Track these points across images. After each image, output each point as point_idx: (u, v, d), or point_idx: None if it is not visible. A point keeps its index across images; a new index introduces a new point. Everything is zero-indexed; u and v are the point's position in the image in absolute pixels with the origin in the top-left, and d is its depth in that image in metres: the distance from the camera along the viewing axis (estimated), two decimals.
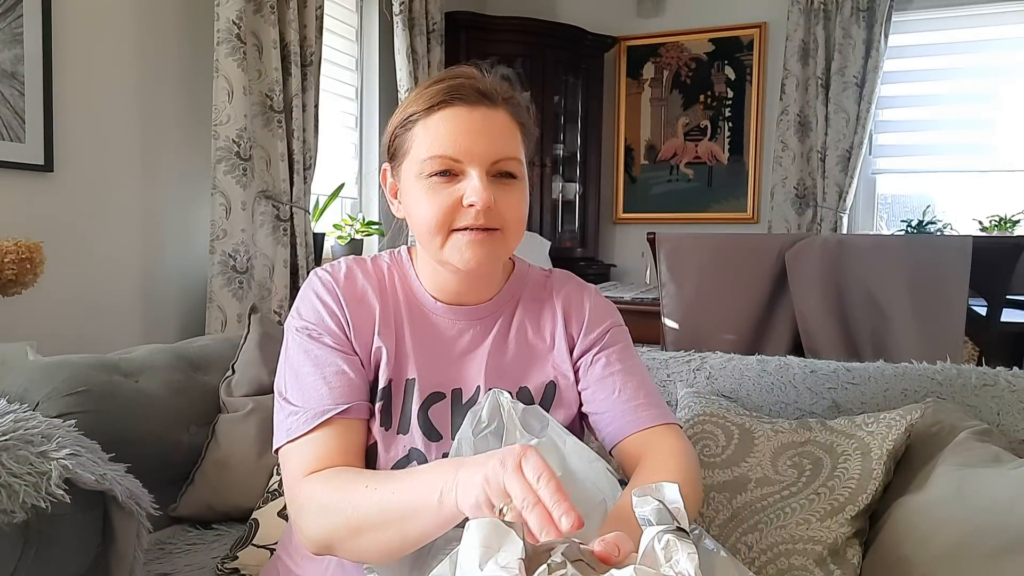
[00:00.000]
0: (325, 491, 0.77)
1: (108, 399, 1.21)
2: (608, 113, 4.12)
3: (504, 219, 0.84)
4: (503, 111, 0.86)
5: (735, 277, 1.95)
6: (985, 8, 3.46)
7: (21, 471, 0.86)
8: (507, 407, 0.79)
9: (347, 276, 0.91)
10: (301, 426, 0.81)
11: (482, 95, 0.84)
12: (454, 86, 0.84)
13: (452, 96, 0.83)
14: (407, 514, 0.70)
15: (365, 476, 0.76)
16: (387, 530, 0.71)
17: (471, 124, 0.83)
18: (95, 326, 1.95)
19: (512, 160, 0.85)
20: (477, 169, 0.82)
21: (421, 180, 0.83)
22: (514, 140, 0.86)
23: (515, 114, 0.87)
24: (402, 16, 3.07)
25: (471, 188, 0.81)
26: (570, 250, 3.96)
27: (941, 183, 3.67)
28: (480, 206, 0.81)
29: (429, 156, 0.82)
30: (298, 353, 0.86)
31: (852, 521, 1.03)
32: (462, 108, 0.83)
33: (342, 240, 2.82)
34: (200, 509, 1.34)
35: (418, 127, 0.85)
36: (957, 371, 1.24)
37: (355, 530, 0.74)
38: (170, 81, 2.17)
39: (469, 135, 0.82)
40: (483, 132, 0.83)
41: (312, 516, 0.77)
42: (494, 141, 0.83)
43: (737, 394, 1.34)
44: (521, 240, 0.89)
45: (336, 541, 0.76)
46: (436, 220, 0.82)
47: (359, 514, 0.73)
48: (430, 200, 0.83)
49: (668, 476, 0.79)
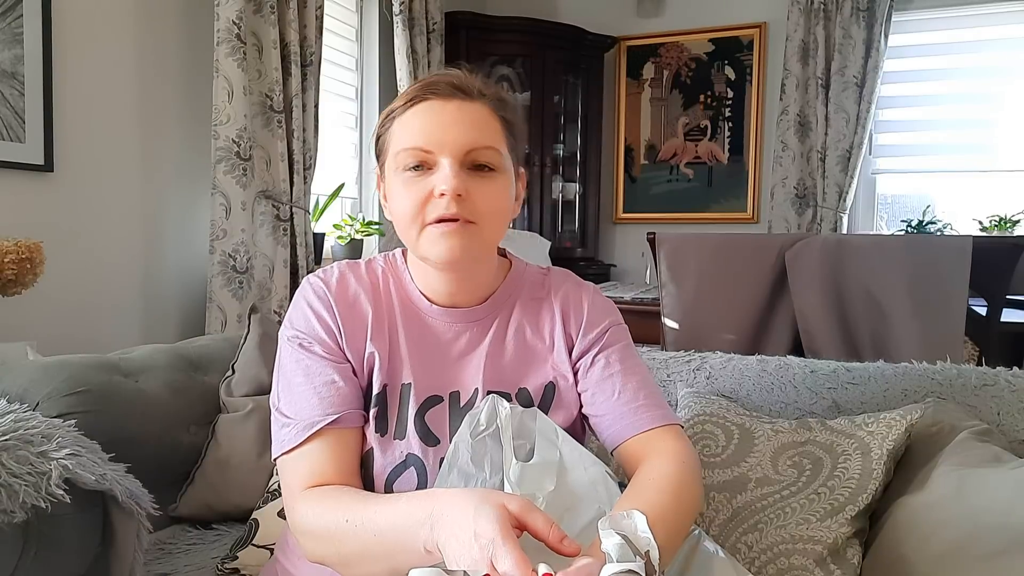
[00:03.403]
0: (316, 520, 0.77)
1: (108, 399, 1.21)
2: (608, 113, 4.12)
3: (479, 211, 0.82)
4: (480, 104, 0.85)
5: (735, 277, 1.95)
6: (985, 8, 3.46)
7: (21, 471, 0.86)
8: (503, 418, 0.78)
9: (339, 281, 0.90)
10: (293, 438, 0.82)
11: (456, 88, 0.84)
12: (431, 82, 0.85)
13: (427, 92, 0.84)
14: (393, 552, 0.70)
15: (349, 508, 0.75)
16: (376, 564, 0.72)
17: (443, 115, 0.83)
18: (95, 326, 1.95)
19: (488, 149, 0.83)
20: (448, 159, 0.81)
21: (398, 175, 0.84)
22: (491, 131, 0.85)
23: (496, 107, 0.86)
24: (402, 16, 3.07)
25: (441, 176, 0.81)
26: (570, 250, 3.96)
27: (941, 183, 3.67)
28: (449, 194, 0.80)
29: (402, 148, 0.83)
30: (290, 363, 0.87)
31: (852, 521, 1.03)
32: (436, 101, 0.83)
33: (342, 240, 2.82)
34: (200, 509, 1.34)
35: (396, 123, 0.85)
36: (957, 371, 1.24)
37: (345, 563, 0.75)
38: (170, 81, 2.17)
39: (440, 125, 0.82)
40: (455, 122, 0.82)
41: (306, 540, 0.79)
42: (467, 131, 0.82)
43: (737, 394, 1.34)
44: (503, 235, 0.88)
45: (331, 566, 0.78)
46: (410, 213, 0.83)
47: (347, 549, 0.74)
48: (405, 194, 0.83)
49: (664, 480, 0.79)
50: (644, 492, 0.77)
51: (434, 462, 0.84)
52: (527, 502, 0.64)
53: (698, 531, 0.82)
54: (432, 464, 0.84)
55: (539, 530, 0.62)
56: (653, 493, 0.77)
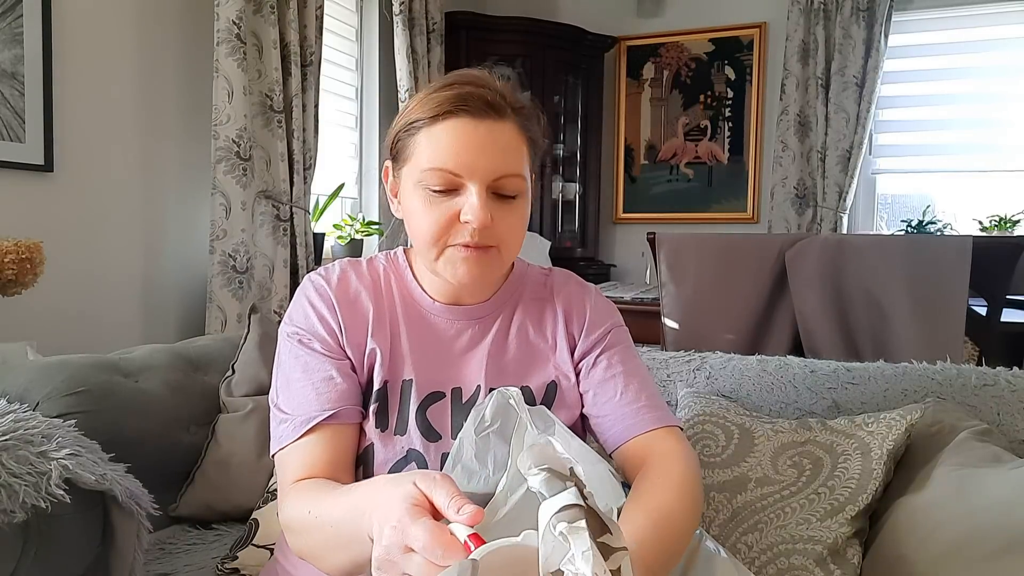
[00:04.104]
0: (290, 512, 0.78)
1: (108, 399, 1.21)
2: (608, 113, 4.12)
3: (500, 237, 0.83)
4: (510, 123, 0.82)
5: (735, 277, 1.95)
6: (985, 8, 3.46)
7: (21, 471, 0.86)
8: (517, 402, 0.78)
9: (340, 278, 0.91)
10: (290, 434, 0.82)
11: (489, 106, 0.81)
12: (462, 95, 0.80)
13: (458, 106, 0.80)
14: (348, 543, 0.69)
15: (314, 500, 0.75)
16: (337, 555, 0.71)
17: (475, 138, 0.80)
18: (95, 326, 1.95)
19: (515, 178, 0.82)
20: (477, 185, 0.80)
21: (420, 189, 0.82)
22: (519, 155, 0.83)
23: (523, 127, 0.85)
24: (402, 16, 3.06)
25: (468, 206, 0.80)
26: (570, 250, 3.96)
27: (941, 183, 3.67)
28: (477, 225, 0.79)
29: (430, 167, 0.80)
30: (289, 359, 0.87)
31: (852, 521, 1.03)
32: (467, 120, 0.80)
33: (342, 240, 2.82)
34: (200, 509, 1.34)
35: (422, 134, 0.82)
36: (957, 371, 1.24)
37: (314, 555, 0.76)
38: (170, 81, 2.17)
39: (472, 150, 0.80)
40: (487, 147, 0.80)
41: (286, 533, 0.80)
42: (497, 157, 0.81)
43: (737, 394, 1.34)
44: (519, 253, 0.89)
45: (307, 559, 0.78)
46: (432, 234, 0.82)
47: (312, 540, 0.74)
48: (427, 212, 0.81)
49: (669, 481, 0.79)
50: (650, 494, 0.78)
51: (435, 457, 0.84)
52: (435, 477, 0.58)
53: (699, 531, 0.82)
54: (433, 459, 0.84)
55: (440, 505, 0.56)
56: (659, 495, 0.77)
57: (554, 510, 0.48)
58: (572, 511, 0.48)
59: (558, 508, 0.48)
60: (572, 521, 0.47)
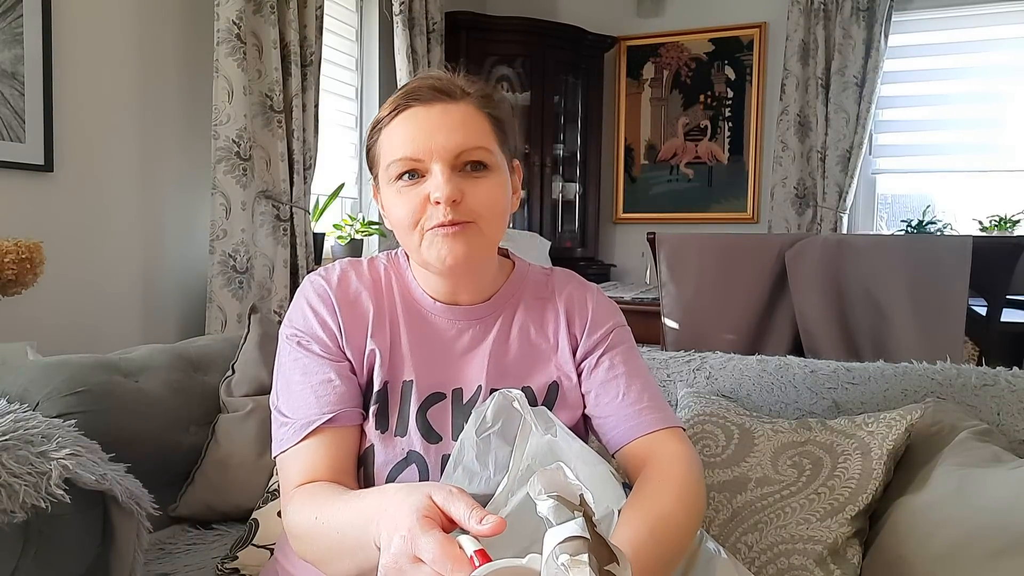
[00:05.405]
0: (294, 517, 0.78)
1: (108, 399, 1.21)
2: (608, 113, 4.12)
3: (476, 211, 0.82)
4: (465, 103, 0.84)
5: (735, 277, 1.95)
6: (985, 8, 3.46)
7: (21, 471, 0.86)
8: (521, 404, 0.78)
9: (340, 279, 0.91)
10: (291, 437, 0.82)
11: (438, 91, 0.83)
12: (412, 89, 0.85)
13: (409, 100, 0.84)
14: (354, 549, 0.69)
15: (320, 505, 0.75)
16: (343, 562, 0.72)
17: (428, 121, 0.82)
18: (95, 326, 1.95)
19: (478, 149, 0.83)
20: (439, 164, 0.81)
21: (392, 185, 0.84)
22: (479, 130, 0.84)
23: (481, 105, 0.86)
24: (402, 16, 3.07)
25: (434, 184, 0.81)
26: (570, 250, 3.96)
27: (941, 183, 3.67)
28: (444, 200, 0.80)
29: (392, 160, 0.83)
30: (288, 362, 0.87)
31: (852, 521, 1.03)
32: (419, 108, 0.83)
33: (342, 240, 2.82)
34: (200, 509, 1.34)
35: (383, 135, 0.86)
36: (957, 371, 1.24)
37: (319, 560, 0.76)
38: (170, 81, 2.17)
39: (426, 132, 0.82)
40: (442, 127, 0.82)
41: (290, 538, 0.80)
42: (454, 133, 0.82)
43: (737, 394, 1.34)
44: (503, 232, 0.88)
45: (313, 564, 0.78)
46: (407, 221, 0.83)
47: (318, 546, 0.75)
48: (400, 202, 0.83)
49: (669, 485, 0.79)
50: (652, 496, 0.78)
51: (435, 459, 0.84)
52: (451, 490, 0.59)
53: (700, 532, 0.82)
54: (434, 461, 0.84)
55: (459, 517, 0.57)
56: (658, 500, 0.77)
57: (559, 539, 0.49)
58: (576, 543, 0.48)
59: (563, 538, 0.49)
60: (575, 553, 0.48)
